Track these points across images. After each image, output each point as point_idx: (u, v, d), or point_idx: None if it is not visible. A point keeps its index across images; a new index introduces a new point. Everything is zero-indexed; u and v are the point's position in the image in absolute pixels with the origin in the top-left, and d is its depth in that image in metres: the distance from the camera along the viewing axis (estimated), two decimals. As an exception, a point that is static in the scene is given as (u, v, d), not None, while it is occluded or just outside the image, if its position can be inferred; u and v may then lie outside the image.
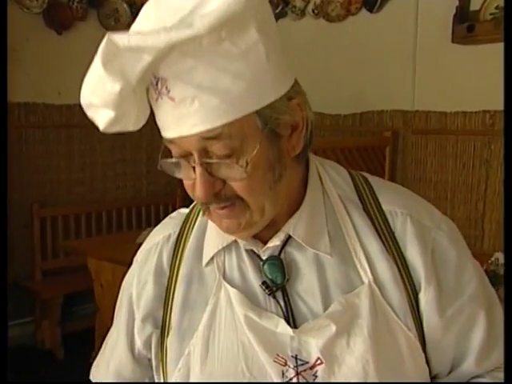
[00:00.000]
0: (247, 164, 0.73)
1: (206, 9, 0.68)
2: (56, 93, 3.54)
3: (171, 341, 0.86)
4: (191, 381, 0.84)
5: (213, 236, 0.87)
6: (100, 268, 2.79)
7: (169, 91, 0.72)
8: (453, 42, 2.96)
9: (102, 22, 3.69)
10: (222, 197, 0.76)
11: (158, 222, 0.99)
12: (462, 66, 3.02)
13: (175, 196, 3.97)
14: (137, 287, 0.92)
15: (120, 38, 0.67)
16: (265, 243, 0.84)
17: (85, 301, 3.49)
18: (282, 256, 0.83)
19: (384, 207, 0.84)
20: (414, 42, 3.19)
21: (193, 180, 0.76)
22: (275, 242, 0.83)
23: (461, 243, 0.85)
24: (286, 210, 0.82)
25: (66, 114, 3.60)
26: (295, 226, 0.81)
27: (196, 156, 0.74)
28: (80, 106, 0.75)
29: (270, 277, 0.82)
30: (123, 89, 0.70)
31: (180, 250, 0.90)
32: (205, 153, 0.74)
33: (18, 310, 3.46)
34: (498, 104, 2.69)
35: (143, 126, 0.79)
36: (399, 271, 0.80)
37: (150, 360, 0.92)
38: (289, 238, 0.83)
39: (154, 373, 0.91)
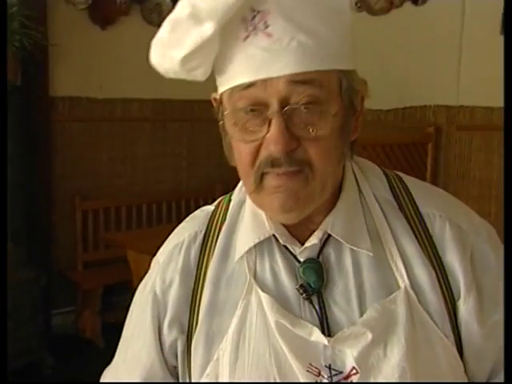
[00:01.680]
0: (334, 115, 0.70)
1: None
2: (99, 87, 3.59)
3: (198, 345, 0.81)
4: None
5: (247, 231, 0.81)
6: (139, 260, 2.81)
7: (267, 27, 0.67)
8: (502, 34, 2.85)
9: (144, 16, 3.71)
10: (293, 158, 0.70)
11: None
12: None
13: (215, 190, 3.99)
14: (161, 287, 0.85)
15: None
16: (301, 244, 0.79)
17: (124, 292, 3.53)
18: (321, 258, 0.79)
19: (421, 209, 0.81)
20: (460, 34, 3.10)
21: (259, 140, 0.71)
22: (313, 240, 0.78)
23: (500, 249, 0.81)
24: (323, 206, 0.78)
25: (108, 108, 3.64)
26: (333, 224, 0.78)
27: (276, 104, 0.68)
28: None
29: (306, 280, 0.78)
30: (215, 28, 0.67)
31: (207, 249, 0.84)
32: (285, 102, 0.68)
33: (60, 300, 3.54)
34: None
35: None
36: (437, 276, 0.77)
37: (174, 367, 0.86)
38: (326, 239, 0.79)
39: (180, 379, 0.86)
